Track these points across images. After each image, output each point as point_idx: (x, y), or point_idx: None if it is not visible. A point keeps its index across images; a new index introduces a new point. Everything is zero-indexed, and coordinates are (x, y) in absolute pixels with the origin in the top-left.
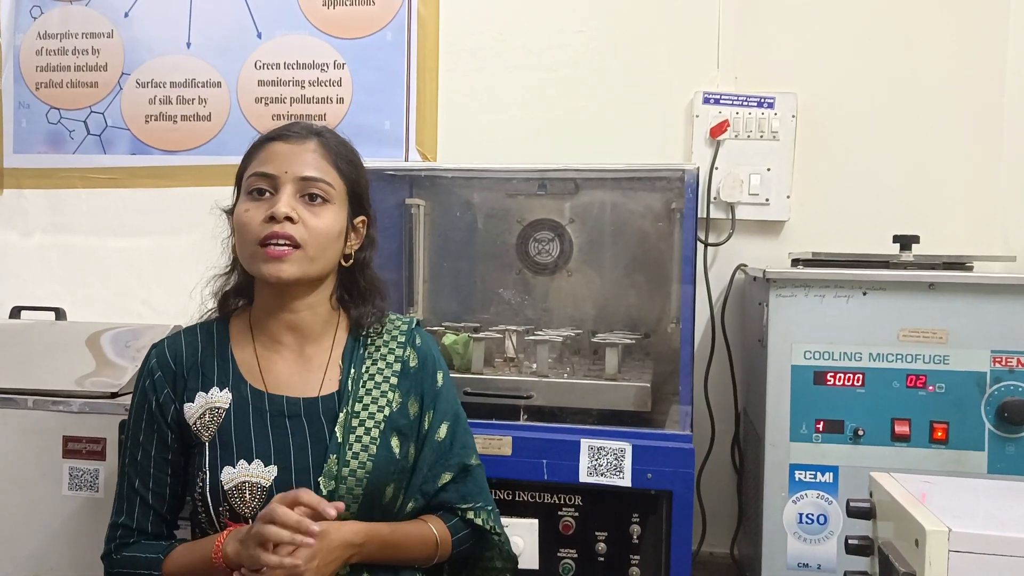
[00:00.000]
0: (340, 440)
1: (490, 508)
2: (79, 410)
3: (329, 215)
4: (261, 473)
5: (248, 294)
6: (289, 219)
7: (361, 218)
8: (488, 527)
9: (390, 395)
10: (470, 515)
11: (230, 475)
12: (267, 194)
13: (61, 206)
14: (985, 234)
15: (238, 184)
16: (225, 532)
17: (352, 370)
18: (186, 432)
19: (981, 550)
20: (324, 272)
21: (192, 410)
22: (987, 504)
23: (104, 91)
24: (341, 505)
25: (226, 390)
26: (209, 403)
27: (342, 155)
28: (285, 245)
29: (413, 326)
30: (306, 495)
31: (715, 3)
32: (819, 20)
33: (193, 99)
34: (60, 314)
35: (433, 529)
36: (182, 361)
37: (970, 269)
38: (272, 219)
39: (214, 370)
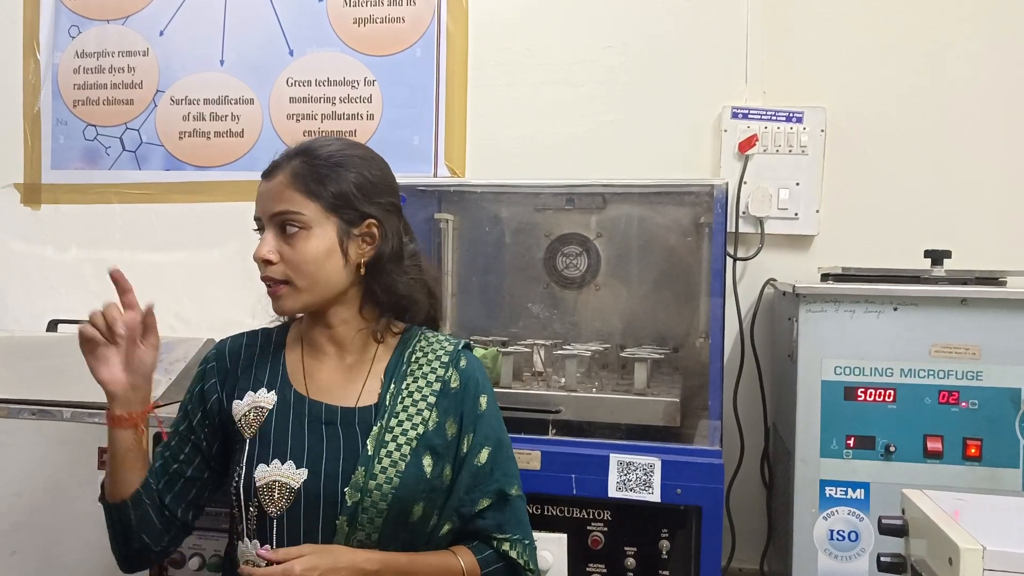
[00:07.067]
0: (370, 453)
1: (527, 542)
2: None
3: (309, 242)
4: (292, 474)
5: None
6: (268, 261)
7: (367, 222)
8: (522, 562)
9: (426, 413)
10: (505, 547)
11: (263, 472)
12: (262, 233)
13: (97, 221)
14: (1018, 248)
15: None
16: None
17: (392, 385)
18: (230, 427)
19: (1016, 569)
20: (331, 293)
21: (239, 407)
22: (1022, 522)
23: (139, 108)
24: None
25: (272, 392)
26: (255, 402)
27: (312, 173)
28: (274, 283)
29: (460, 348)
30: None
31: (743, 18)
32: (848, 34)
33: (226, 115)
34: None
35: (461, 561)
36: (238, 360)
37: (1003, 284)
38: (257, 262)
39: (265, 372)
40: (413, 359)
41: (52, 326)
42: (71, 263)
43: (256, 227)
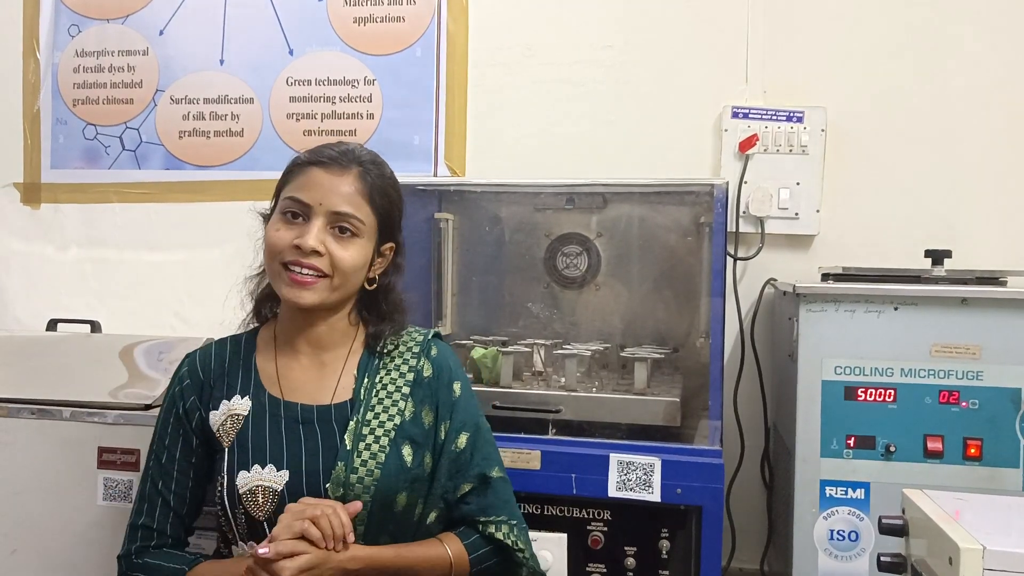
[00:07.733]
0: (349, 447)
1: (514, 523)
2: (114, 421)
3: (356, 249)
4: (273, 478)
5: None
6: (316, 252)
7: (389, 244)
8: (510, 542)
9: (401, 404)
10: (491, 529)
11: (245, 479)
12: (300, 218)
13: (96, 220)
14: (1019, 248)
15: (276, 195)
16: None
17: (366, 380)
18: (211, 438)
19: (1016, 569)
20: (345, 297)
21: (216, 417)
22: (1022, 522)
23: (139, 107)
24: (353, 508)
25: (247, 398)
26: (231, 410)
27: (379, 188)
28: (310, 275)
29: (430, 337)
30: (336, 518)
31: (744, 17)
32: (848, 33)
33: (226, 115)
34: (95, 327)
35: (447, 549)
36: (210, 371)
37: (1003, 284)
38: (299, 248)
39: (238, 379)
40: (385, 352)
41: (52, 325)
42: (71, 263)
43: (292, 209)
